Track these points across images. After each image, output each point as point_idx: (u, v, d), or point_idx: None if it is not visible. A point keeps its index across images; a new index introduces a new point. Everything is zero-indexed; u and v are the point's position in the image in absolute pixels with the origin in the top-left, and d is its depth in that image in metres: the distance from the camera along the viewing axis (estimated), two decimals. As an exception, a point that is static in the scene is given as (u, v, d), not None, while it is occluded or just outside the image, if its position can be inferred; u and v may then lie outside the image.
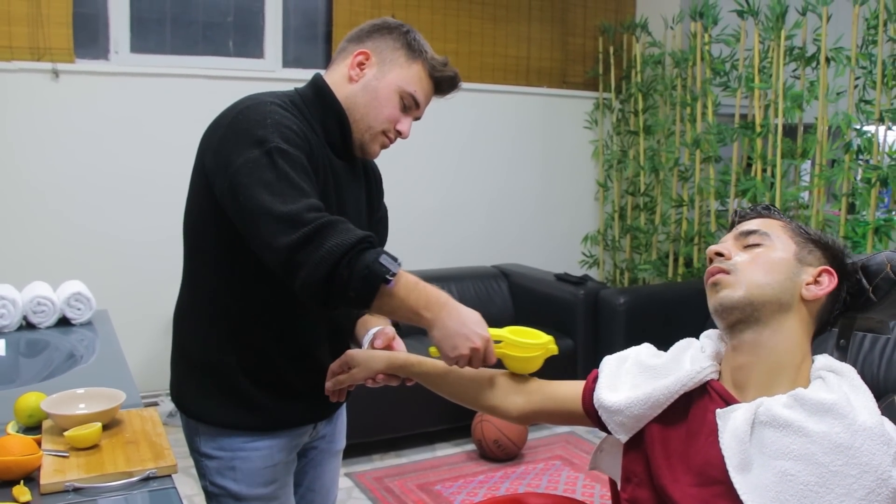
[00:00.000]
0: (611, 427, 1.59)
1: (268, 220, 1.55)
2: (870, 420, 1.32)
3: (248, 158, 1.61)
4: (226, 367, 1.84)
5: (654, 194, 5.71)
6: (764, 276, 1.48)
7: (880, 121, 4.03)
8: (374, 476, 4.01)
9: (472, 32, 5.49)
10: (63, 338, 2.57)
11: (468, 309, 1.67)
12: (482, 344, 1.63)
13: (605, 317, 4.75)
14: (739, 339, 1.50)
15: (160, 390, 4.51)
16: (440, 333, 1.63)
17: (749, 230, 1.56)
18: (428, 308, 1.62)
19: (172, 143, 4.40)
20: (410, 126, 1.89)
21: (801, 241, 1.54)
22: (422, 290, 1.62)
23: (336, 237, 1.52)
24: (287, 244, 1.51)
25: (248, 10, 4.86)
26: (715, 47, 5.12)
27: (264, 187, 1.57)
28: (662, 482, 1.47)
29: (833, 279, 1.50)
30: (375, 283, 1.53)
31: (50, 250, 4.27)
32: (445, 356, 1.65)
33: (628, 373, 1.63)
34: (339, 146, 1.87)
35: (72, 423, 1.64)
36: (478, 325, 1.65)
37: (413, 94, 1.85)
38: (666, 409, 1.52)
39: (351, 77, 1.85)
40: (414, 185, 5.23)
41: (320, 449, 2.11)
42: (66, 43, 4.24)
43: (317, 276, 1.51)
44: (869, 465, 1.28)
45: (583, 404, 1.68)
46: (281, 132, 1.65)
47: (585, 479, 4.01)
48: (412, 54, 1.84)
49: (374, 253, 1.54)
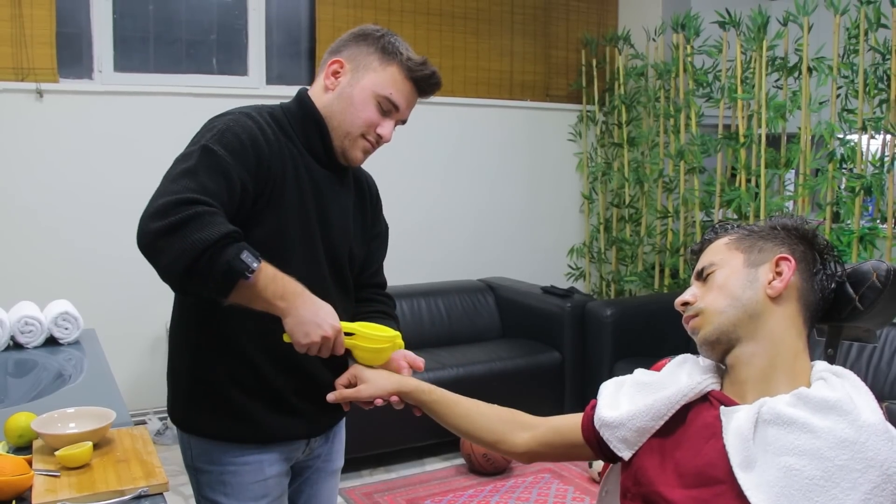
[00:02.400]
0: (613, 445, 1.58)
1: (151, 205, 1.60)
2: (873, 417, 1.33)
3: (183, 153, 1.71)
4: (216, 379, 1.85)
5: (639, 206, 5.73)
6: (722, 302, 1.50)
7: (863, 129, 4.06)
8: (364, 492, 4.00)
9: (454, 47, 5.51)
10: (51, 357, 2.56)
11: (322, 301, 1.72)
12: (333, 333, 1.69)
13: (593, 329, 4.75)
14: (731, 360, 1.50)
15: (148, 408, 4.50)
16: (293, 321, 1.67)
17: (700, 269, 1.59)
18: (283, 298, 1.65)
19: (157, 161, 4.31)
20: (392, 129, 1.90)
21: (748, 246, 1.55)
22: (279, 281, 1.65)
23: (201, 231, 1.54)
24: (153, 229, 1.56)
25: (232, 28, 4.87)
26: (697, 58, 5.15)
27: (167, 177, 1.66)
28: (658, 488, 1.46)
29: (790, 263, 1.49)
30: (234, 278, 1.57)
31: (36, 269, 4.25)
32: (297, 342, 1.69)
33: (626, 394, 1.63)
34: (322, 155, 1.89)
35: (62, 442, 1.63)
36: (330, 316, 1.70)
37: (389, 97, 1.86)
38: (666, 421, 1.52)
39: (327, 87, 1.88)
40: (399, 200, 5.22)
41: (316, 468, 2.10)
42: (50, 63, 4.23)
43: (177, 266, 1.54)
44: (874, 459, 1.29)
45: (582, 430, 1.67)
46: (222, 135, 1.71)
47: (575, 491, 4.01)
48: (386, 57, 1.86)
49: (235, 248, 1.57)
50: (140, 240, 1.59)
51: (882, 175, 3.98)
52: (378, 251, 2.15)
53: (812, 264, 1.53)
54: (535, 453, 1.78)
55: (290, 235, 1.83)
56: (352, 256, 2.00)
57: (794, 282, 1.50)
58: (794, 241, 1.54)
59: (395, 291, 2.23)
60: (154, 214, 1.57)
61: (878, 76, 4.03)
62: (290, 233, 1.83)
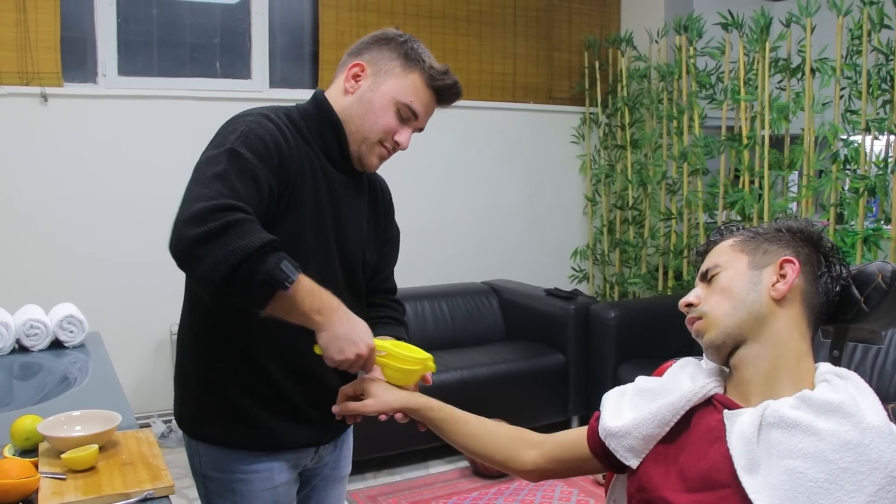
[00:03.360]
0: (620, 455, 1.56)
1: (185, 210, 1.55)
2: (877, 419, 1.32)
3: (208, 156, 1.66)
4: (226, 386, 1.83)
5: (642, 208, 5.73)
6: (727, 304, 1.50)
7: (866, 130, 4.06)
8: (368, 494, 4.00)
9: (457, 50, 5.52)
10: (56, 360, 2.56)
11: (357, 317, 1.69)
12: (367, 352, 1.66)
13: (597, 331, 4.75)
14: (735, 361, 1.50)
15: (153, 411, 4.50)
16: (329, 336, 1.64)
17: (704, 271, 1.59)
18: (320, 312, 1.62)
19: (161, 165, 4.40)
20: (410, 137, 1.88)
21: (752, 248, 1.55)
22: (317, 295, 1.62)
23: (241, 238, 1.50)
24: (192, 236, 1.50)
25: (235, 32, 4.88)
26: (700, 60, 5.15)
27: (200, 181, 1.60)
28: (662, 493, 1.46)
29: (794, 265, 1.49)
30: (274, 287, 1.53)
31: (41, 273, 4.26)
32: (330, 358, 1.66)
33: (629, 402, 1.62)
34: (339, 159, 1.86)
35: (68, 445, 1.64)
36: (365, 334, 1.68)
37: (409, 105, 1.83)
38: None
39: (346, 90, 1.85)
40: (402, 203, 5.14)
41: (325, 475, 2.09)
42: (55, 67, 4.25)
43: (216, 274, 1.50)
44: (879, 462, 1.28)
45: (588, 442, 1.66)
46: (246, 137, 1.67)
47: (580, 494, 4.01)
48: (408, 64, 1.83)
49: (276, 257, 1.53)
50: (176, 246, 1.54)
51: (886, 176, 3.98)
52: (389, 257, 2.13)
53: (817, 267, 1.53)
54: (544, 470, 1.76)
55: (307, 239, 1.80)
56: (364, 262, 1.99)
57: (798, 284, 1.49)
58: (799, 244, 1.54)
59: (398, 294, 2.23)
60: (191, 220, 1.52)
61: (882, 77, 4.03)
62: (306, 237, 1.80)
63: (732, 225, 1.65)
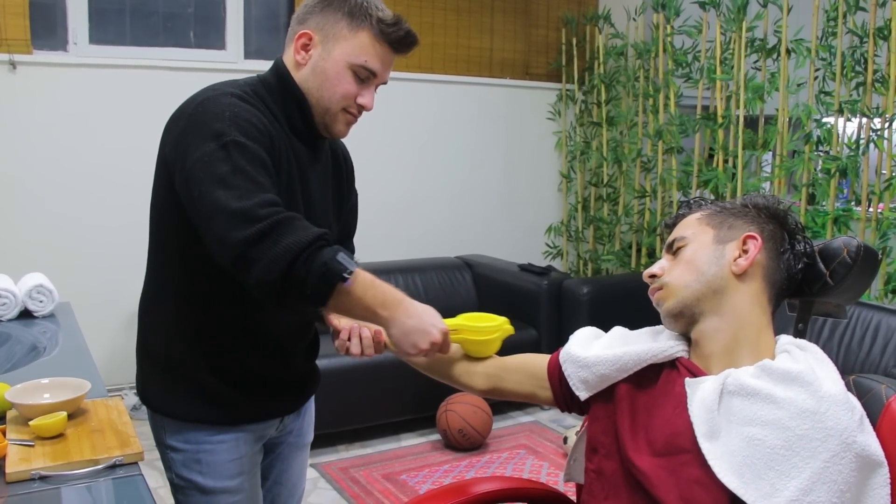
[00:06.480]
0: (573, 383, 1.64)
1: (222, 216, 1.50)
2: (834, 388, 1.36)
3: (205, 152, 1.57)
4: (190, 362, 1.81)
5: (617, 185, 5.75)
6: (688, 276, 1.54)
7: (839, 112, 4.08)
8: (340, 466, 4.01)
9: (434, 24, 5.49)
10: (25, 330, 2.55)
11: (423, 305, 1.67)
12: (441, 337, 1.65)
13: (569, 307, 4.78)
14: (695, 334, 1.54)
15: (124, 384, 4.48)
16: (399, 331, 1.62)
17: (670, 242, 1.62)
18: (385, 307, 1.60)
19: (133, 136, 4.36)
20: (373, 96, 1.80)
21: (718, 222, 1.58)
22: (378, 288, 1.59)
23: (292, 234, 1.48)
24: (241, 240, 1.47)
25: (210, 1, 4.83)
26: (677, 39, 5.15)
27: (219, 182, 1.53)
28: (628, 453, 1.50)
29: (757, 241, 1.52)
30: (333, 280, 1.50)
31: (10, 243, 4.22)
32: (405, 353, 1.66)
33: (602, 342, 1.69)
34: (303, 132, 1.82)
35: (36, 412, 1.64)
36: (435, 319, 1.66)
37: (364, 65, 1.74)
38: (637, 379, 1.56)
39: (298, 62, 1.78)
40: (377, 177, 5.22)
41: (288, 443, 2.09)
42: (23, 34, 4.18)
43: (273, 273, 1.47)
44: (834, 429, 1.32)
45: (549, 363, 1.74)
46: (239, 125, 1.61)
47: (550, 467, 4.04)
48: (355, 22, 1.73)
49: (331, 251, 1.51)
50: (228, 253, 1.50)
51: (857, 157, 4.01)
52: (350, 221, 2.11)
53: (780, 243, 1.56)
54: (491, 375, 1.82)
55: None
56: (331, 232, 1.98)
57: (760, 260, 1.53)
58: (764, 220, 1.57)
59: (372, 268, 2.20)
60: (235, 223, 1.48)
61: (856, 59, 4.05)
62: None
63: (702, 199, 1.68)
